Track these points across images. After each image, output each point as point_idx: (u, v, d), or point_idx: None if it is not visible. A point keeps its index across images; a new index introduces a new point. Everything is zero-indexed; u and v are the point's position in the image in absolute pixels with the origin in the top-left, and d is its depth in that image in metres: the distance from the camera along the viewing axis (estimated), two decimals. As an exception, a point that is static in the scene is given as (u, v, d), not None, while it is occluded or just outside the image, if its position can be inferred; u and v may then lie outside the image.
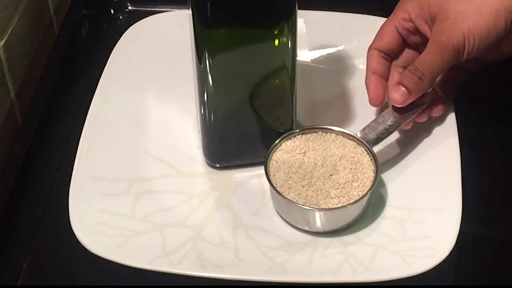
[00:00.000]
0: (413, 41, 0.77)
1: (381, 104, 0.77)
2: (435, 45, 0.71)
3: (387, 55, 0.77)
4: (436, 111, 0.76)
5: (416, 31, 0.75)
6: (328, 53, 0.86)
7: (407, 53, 0.78)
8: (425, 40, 0.74)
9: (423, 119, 0.75)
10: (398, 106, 0.73)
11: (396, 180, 0.74)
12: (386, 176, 0.74)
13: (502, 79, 0.82)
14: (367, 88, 0.76)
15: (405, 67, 0.75)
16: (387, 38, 0.76)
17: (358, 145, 0.73)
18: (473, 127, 0.79)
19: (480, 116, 0.80)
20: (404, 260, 0.67)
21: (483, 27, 0.70)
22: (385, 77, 0.77)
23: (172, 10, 0.92)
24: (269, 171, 0.72)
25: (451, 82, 0.78)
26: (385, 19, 0.78)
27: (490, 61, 0.77)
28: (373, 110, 0.79)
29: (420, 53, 0.74)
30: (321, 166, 0.72)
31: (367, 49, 0.77)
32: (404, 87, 0.72)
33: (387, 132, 0.74)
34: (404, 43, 0.77)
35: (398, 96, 0.72)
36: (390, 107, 0.74)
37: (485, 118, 0.81)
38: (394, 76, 0.76)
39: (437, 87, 0.76)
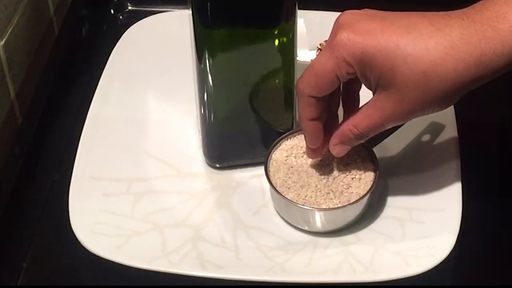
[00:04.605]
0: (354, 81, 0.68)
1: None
2: (379, 114, 0.65)
3: (325, 99, 0.68)
4: None
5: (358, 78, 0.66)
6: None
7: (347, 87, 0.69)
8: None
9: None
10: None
11: (396, 180, 0.74)
12: (386, 176, 0.74)
13: (502, 79, 0.82)
14: (305, 134, 0.70)
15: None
16: (327, 87, 0.66)
17: (358, 145, 0.73)
18: (473, 127, 0.79)
19: (480, 116, 0.80)
20: (404, 260, 0.67)
21: (435, 103, 0.63)
22: (322, 119, 0.69)
23: (172, 10, 0.92)
24: (269, 171, 0.72)
25: None
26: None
27: None
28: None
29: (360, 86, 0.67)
30: (321, 166, 0.72)
31: (300, 93, 0.67)
32: (344, 144, 0.69)
33: (388, 132, 0.74)
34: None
35: (339, 152, 0.69)
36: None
37: (485, 118, 0.81)
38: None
39: None
